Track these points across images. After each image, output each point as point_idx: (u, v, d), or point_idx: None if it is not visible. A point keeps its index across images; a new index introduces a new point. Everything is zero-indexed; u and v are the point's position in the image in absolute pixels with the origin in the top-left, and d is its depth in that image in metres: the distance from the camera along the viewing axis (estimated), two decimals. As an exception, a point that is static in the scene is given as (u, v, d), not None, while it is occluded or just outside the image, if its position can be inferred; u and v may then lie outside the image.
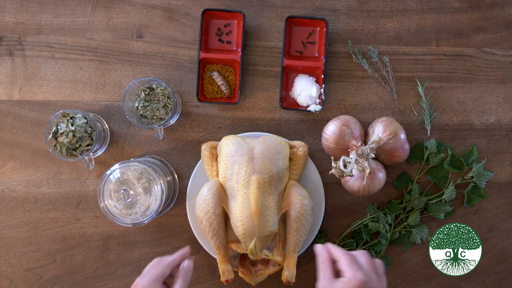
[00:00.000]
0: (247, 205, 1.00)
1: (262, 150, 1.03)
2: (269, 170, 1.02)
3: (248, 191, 1.01)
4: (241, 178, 1.01)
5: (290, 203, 1.03)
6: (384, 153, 1.07)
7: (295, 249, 1.03)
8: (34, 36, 1.14)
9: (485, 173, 1.12)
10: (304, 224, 1.02)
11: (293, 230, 1.02)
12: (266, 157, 1.02)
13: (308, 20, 1.12)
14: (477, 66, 1.15)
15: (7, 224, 1.13)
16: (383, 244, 1.11)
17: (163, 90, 1.08)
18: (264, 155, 1.02)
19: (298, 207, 1.02)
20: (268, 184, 1.01)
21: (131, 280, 1.12)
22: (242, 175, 1.01)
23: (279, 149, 1.04)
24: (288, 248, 1.03)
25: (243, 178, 1.01)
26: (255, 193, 1.00)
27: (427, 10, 1.15)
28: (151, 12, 1.15)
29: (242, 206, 1.01)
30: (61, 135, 1.05)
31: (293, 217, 1.02)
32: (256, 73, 1.14)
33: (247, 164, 1.01)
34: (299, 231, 1.02)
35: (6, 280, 1.12)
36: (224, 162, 1.04)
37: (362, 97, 1.14)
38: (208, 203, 1.01)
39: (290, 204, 1.03)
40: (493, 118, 1.15)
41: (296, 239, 1.02)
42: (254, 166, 1.01)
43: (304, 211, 1.02)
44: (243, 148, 1.03)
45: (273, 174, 1.02)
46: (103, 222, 1.13)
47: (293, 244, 1.03)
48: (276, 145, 1.04)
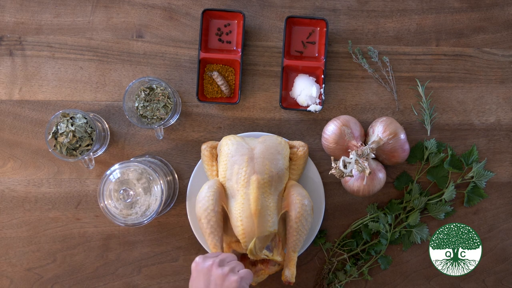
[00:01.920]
0: (247, 205, 1.00)
1: (262, 150, 1.03)
2: (269, 170, 1.02)
3: (248, 191, 1.01)
4: (241, 178, 1.01)
5: (290, 203, 1.03)
6: (384, 153, 1.07)
7: (295, 249, 1.03)
8: (34, 36, 1.14)
9: (485, 173, 1.12)
10: (304, 224, 1.02)
11: (293, 230, 1.02)
12: (266, 157, 1.02)
13: (308, 20, 1.12)
14: (477, 66, 1.15)
15: (7, 224, 1.13)
16: (383, 244, 1.11)
17: (163, 90, 1.08)
18: (264, 155, 1.02)
19: (298, 207, 1.02)
20: (268, 184, 1.02)
21: (131, 280, 1.13)
22: (242, 175, 1.01)
23: (279, 149, 1.04)
24: (288, 248, 1.03)
25: (243, 178, 1.01)
26: (254, 193, 1.00)
27: (427, 10, 1.15)
28: (151, 12, 1.15)
29: (242, 206, 1.01)
30: (61, 135, 1.05)
31: (293, 217, 1.02)
32: (256, 73, 1.14)
33: (247, 164, 1.01)
34: (299, 231, 1.02)
35: (6, 280, 1.12)
36: (224, 162, 1.04)
37: (362, 97, 1.14)
38: (207, 200, 1.01)
39: (290, 204, 1.03)
40: (493, 118, 1.15)
41: (296, 239, 1.02)
42: (254, 166, 1.01)
43: (304, 211, 1.02)
44: (243, 148, 1.03)
45: (273, 174, 1.02)
46: (103, 222, 1.13)
47: (293, 244, 1.03)
48: (276, 145, 1.04)
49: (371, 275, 1.13)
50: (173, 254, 1.13)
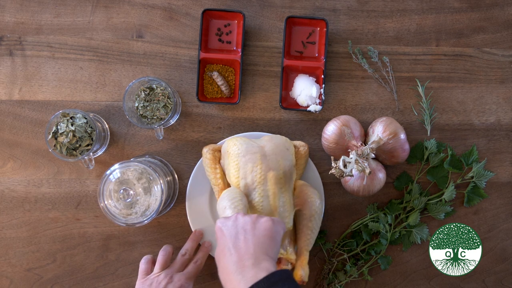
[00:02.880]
0: (266, 202, 0.99)
1: (273, 148, 1.02)
2: (283, 166, 1.01)
3: (266, 188, 1.00)
4: (257, 176, 1.00)
5: (305, 201, 1.02)
6: (384, 153, 1.07)
7: (309, 247, 1.02)
8: (34, 36, 1.14)
9: (485, 173, 1.12)
10: (318, 223, 1.02)
11: (307, 229, 1.01)
12: (278, 154, 1.02)
13: (308, 20, 1.12)
14: (477, 66, 1.15)
15: (7, 224, 1.13)
16: (383, 244, 1.11)
17: (163, 90, 1.08)
18: (275, 152, 1.02)
19: (313, 205, 1.01)
20: (283, 180, 1.01)
21: (131, 280, 1.13)
22: (257, 173, 1.00)
23: (287, 146, 1.04)
24: (301, 247, 1.02)
25: (259, 175, 1.00)
26: (273, 189, 0.99)
27: (427, 10, 1.15)
28: (151, 12, 1.15)
29: (261, 204, 1.00)
30: (61, 135, 1.05)
31: (308, 215, 1.01)
32: (256, 73, 1.14)
33: (261, 162, 1.00)
34: (313, 230, 1.02)
35: (6, 280, 1.12)
36: (235, 163, 1.02)
37: (362, 97, 1.14)
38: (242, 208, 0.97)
39: (305, 203, 1.02)
40: (493, 118, 1.15)
41: (310, 237, 1.02)
42: (268, 163, 1.00)
43: (318, 210, 1.02)
44: (254, 147, 1.02)
45: (286, 170, 1.01)
46: (103, 222, 1.13)
47: (307, 243, 1.02)
48: (283, 142, 1.04)
49: (371, 275, 1.13)
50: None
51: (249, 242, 0.86)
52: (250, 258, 0.84)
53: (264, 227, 0.88)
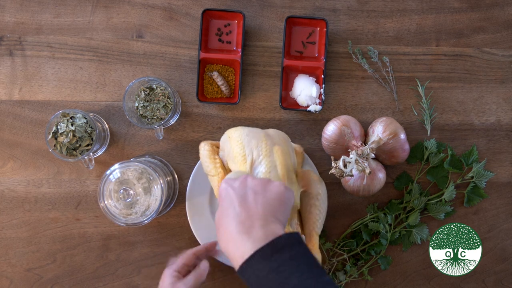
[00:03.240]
0: (274, 172, 0.94)
1: (275, 132, 1.00)
2: (286, 146, 0.98)
3: (273, 159, 0.94)
4: (263, 149, 0.95)
5: (310, 181, 0.97)
6: (384, 153, 1.07)
7: (318, 230, 0.96)
8: (34, 36, 1.14)
9: (485, 173, 1.12)
10: (325, 202, 0.98)
11: (315, 208, 0.96)
12: (280, 138, 0.99)
13: (308, 20, 1.12)
14: (477, 66, 1.15)
15: (7, 224, 1.13)
16: (383, 244, 1.11)
17: (163, 90, 1.08)
18: (278, 135, 0.99)
19: (318, 184, 0.98)
20: (288, 156, 0.97)
21: (131, 280, 1.13)
22: (263, 147, 0.95)
23: (285, 137, 1.01)
24: (310, 230, 0.96)
25: (265, 149, 0.95)
26: (280, 159, 0.94)
27: (427, 10, 1.15)
28: (151, 12, 1.15)
29: (269, 174, 0.94)
30: (61, 135, 1.05)
31: (314, 194, 0.97)
32: (256, 73, 1.14)
33: (266, 139, 0.96)
34: (321, 209, 0.97)
35: (6, 280, 1.12)
36: (238, 142, 0.96)
37: (362, 97, 1.14)
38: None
39: (309, 183, 0.97)
40: (493, 118, 1.15)
41: (318, 218, 0.96)
42: (273, 140, 0.97)
43: (323, 189, 0.98)
44: (256, 129, 0.99)
45: (290, 152, 0.98)
46: (103, 222, 1.13)
47: (316, 225, 0.95)
48: (283, 133, 1.01)
49: (371, 275, 1.13)
50: (173, 254, 1.12)
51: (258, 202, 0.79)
52: (260, 218, 0.77)
53: (276, 191, 0.81)
